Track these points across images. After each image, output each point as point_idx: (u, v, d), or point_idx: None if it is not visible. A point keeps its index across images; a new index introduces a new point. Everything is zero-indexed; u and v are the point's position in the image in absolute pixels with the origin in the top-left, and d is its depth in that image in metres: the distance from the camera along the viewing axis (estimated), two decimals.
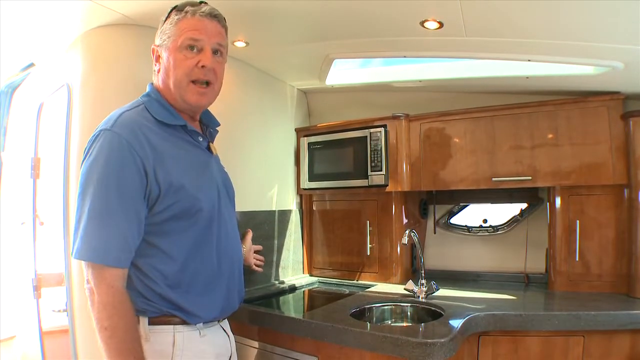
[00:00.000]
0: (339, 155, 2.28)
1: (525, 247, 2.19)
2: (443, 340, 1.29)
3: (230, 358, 1.22)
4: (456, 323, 1.46)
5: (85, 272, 0.98)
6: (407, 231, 1.91)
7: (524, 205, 2.20)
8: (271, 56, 2.10)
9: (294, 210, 2.50)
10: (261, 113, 2.30)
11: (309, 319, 1.57)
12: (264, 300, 2.00)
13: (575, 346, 1.57)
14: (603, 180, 1.80)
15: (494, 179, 1.95)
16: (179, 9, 1.12)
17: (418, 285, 1.90)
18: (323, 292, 2.28)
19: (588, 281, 1.88)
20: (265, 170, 2.30)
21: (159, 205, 1.03)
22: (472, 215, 2.37)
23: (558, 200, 1.94)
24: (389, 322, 1.86)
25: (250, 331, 1.73)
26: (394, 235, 2.23)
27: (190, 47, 1.10)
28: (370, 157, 2.15)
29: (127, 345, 0.95)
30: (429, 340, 1.29)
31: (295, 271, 2.48)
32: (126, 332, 0.96)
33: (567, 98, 1.88)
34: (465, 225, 2.36)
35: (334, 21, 1.64)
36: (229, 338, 1.22)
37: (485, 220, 2.32)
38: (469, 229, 2.35)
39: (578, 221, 1.88)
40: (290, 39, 1.85)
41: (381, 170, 2.12)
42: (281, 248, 2.37)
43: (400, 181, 2.13)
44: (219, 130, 1.32)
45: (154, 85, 1.17)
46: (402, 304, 1.88)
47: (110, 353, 0.94)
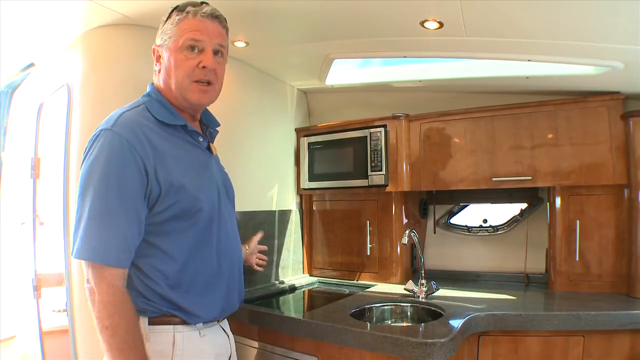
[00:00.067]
0: (339, 155, 2.28)
1: (525, 247, 2.19)
2: (443, 340, 1.29)
3: (230, 358, 1.22)
4: (456, 323, 1.46)
5: (85, 272, 0.98)
6: (407, 231, 1.91)
7: (524, 205, 2.20)
8: (271, 56, 2.10)
9: (294, 210, 2.50)
10: (261, 113, 2.30)
11: (309, 319, 1.57)
12: (264, 300, 2.00)
13: (575, 346, 1.57)
14: (603, 180, 1.80)
15: (494, 179, 1.95)
16: (180, 10, 1.12)
17: (418, 285, 1.90)
18: (323, 292, 2.28)
19: (588, 281, 1.88)
20: (265, 170, 2.30)
21: (160, 205, 1.03)
22: (472, 215, 2.37)
23: (558, 200, 1.94)
24: (389, 322, 1.86)
25: (250, 331, 1.73)
26: (394, 235, 2.23)
27: (192, 48, 1.10)
28: (370, 157, 2.15)
29: (129, 344, 0.95)
30: (429, 340, 1.29)
31: (295, 271, 2.48)
32: (127, 331, 0.96)
33: (567, 98, 1.88)
34: (465, 225, 2.36)
35: (334, 21, 1.64)
36: (228, 338, 1.22)
37: (485, 220, 2.32)
38: (469, 229, 2.35)
39: (578, 221, 1.88)
40: (290, 39, 1.85)
41: (381, 170, 2.12)
42: (281, 248, 2.37)
43: (400, 181, 2.13)
44: (219, 130, 1.32)
45: (154, 85, 1.17)
46: (402, 304, 1.88)
47: (112, 353, 0.94)
